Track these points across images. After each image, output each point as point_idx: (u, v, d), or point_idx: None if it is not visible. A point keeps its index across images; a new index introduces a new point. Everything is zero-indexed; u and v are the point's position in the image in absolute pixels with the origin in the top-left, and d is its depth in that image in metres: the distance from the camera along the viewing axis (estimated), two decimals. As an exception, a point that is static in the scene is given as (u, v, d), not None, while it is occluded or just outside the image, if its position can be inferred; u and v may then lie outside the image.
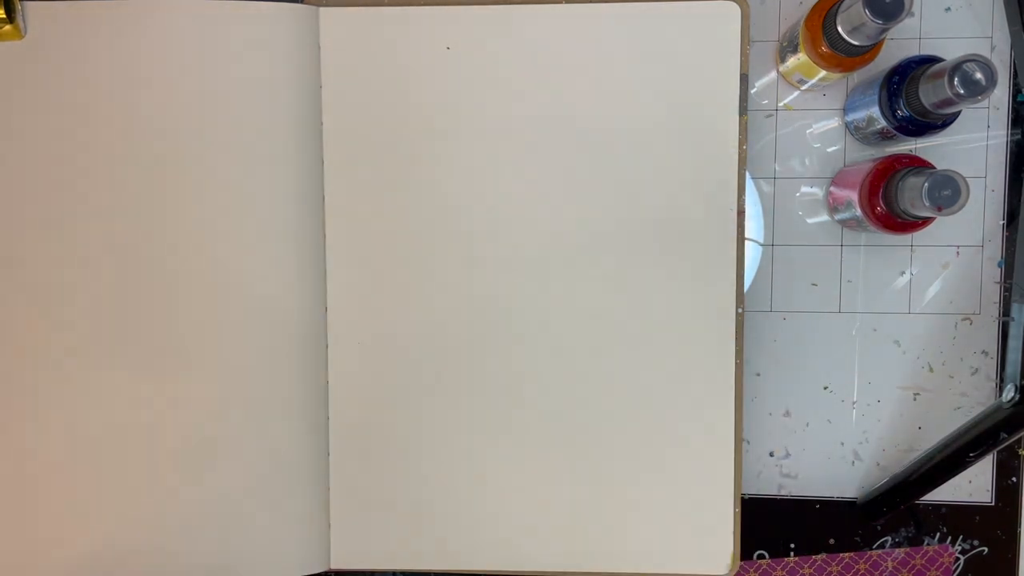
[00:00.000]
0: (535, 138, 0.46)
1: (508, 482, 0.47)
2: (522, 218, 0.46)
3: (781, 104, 0.48)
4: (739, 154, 0.46)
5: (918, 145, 0.48)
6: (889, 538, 0.49)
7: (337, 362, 0.47)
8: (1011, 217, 0.48)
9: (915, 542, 0.49)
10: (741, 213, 0.46)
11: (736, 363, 0.46)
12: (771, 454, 0.50)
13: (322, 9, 0.46)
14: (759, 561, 0.50)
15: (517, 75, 0.46)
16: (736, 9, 0.45)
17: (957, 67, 0.38)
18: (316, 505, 0.47)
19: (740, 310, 0.46)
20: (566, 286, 0.47)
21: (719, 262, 0.46)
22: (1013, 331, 0.46)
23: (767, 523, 0.50)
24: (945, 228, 0.48)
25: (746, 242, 0.47)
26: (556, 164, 0.46)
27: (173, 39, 0.46)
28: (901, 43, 0.47)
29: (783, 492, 0.50)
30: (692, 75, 0.46)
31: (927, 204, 0.39)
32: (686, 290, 0.46)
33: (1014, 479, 0.49)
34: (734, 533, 0.47)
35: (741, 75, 0.45)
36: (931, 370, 0.49)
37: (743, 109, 0.46)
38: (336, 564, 0.48)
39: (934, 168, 0.41)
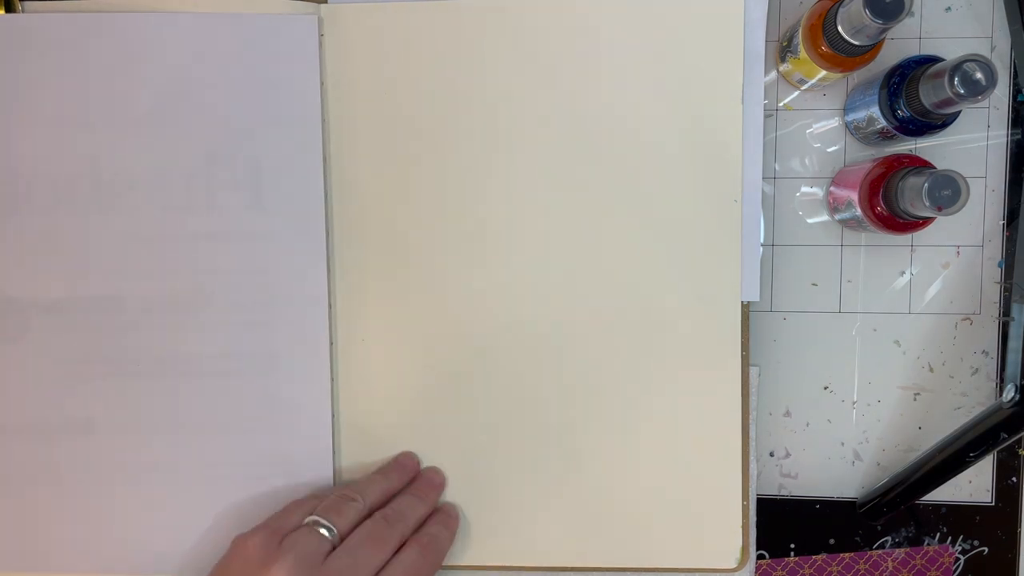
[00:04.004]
0: (539, 132, 0.46)
1: (516, 478, 0.47)
2: (526, 213, 0.46)
3: (781, 104, 0.48)
4: (743, 144, 0.46)
5: (918, 145, 0.48)
6: (889, 538, 0.49)
7: (343, 360, 0.47)
8: (1011, 217, 0.48)
9: (915, 542, 0.49)
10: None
11: (743, 355, 0.46)
12: (771, 454, 0.50)
13: (324, 6, 0.46)
14: (759, 561, 0.50)
15: (521, 69, 0.46)
16: (739, 1, 0.45)
17: (957, 67, 0.38)
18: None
19: (745, 300, 0.46)
20: (570, 280, 0.46)
21: (723, 252, 0.46)
22: (1013, 331, 0.46)
23: (767, 523, 0.49)
24: (945, 228, 0.48)
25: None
26: (560, 158, 0.46)
27: (173, 37, 0.46)
28: (901, 43, 0.47)
29: (783, 492, 0.50)
30: (696, 66, 0.45)
31: (927, 204, 0.39)
32: (691, 280, 0.46)
33: (1014, 479, 0.49)
34: (743, 527, 0.47)
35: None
36: (931, 370, 0.49)
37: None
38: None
39: (934, 168, 0.41)
